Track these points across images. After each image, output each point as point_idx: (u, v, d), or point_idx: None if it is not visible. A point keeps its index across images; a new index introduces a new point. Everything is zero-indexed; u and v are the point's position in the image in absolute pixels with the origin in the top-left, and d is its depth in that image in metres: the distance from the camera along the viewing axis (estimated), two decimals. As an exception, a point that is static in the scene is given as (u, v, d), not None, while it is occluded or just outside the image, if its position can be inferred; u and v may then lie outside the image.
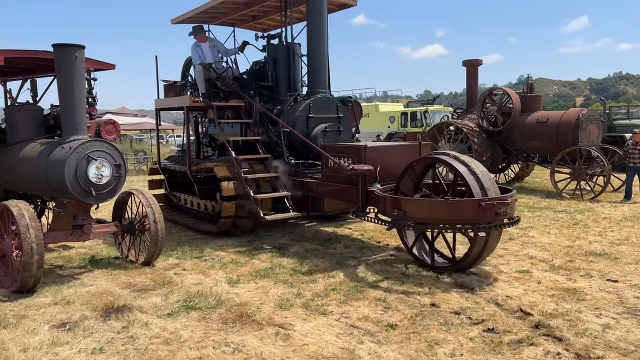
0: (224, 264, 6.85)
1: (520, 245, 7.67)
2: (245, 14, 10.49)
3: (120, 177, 6.48)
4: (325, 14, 8.63)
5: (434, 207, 5.93)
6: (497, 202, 5.59)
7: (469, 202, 5.70)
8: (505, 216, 5.68)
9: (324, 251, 7.46)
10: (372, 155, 6.93)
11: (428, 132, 15.72)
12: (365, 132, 28.54)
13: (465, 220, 5.74)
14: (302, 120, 8.43)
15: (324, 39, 8.62)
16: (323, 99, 8.72)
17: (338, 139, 8.62)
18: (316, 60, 8.69)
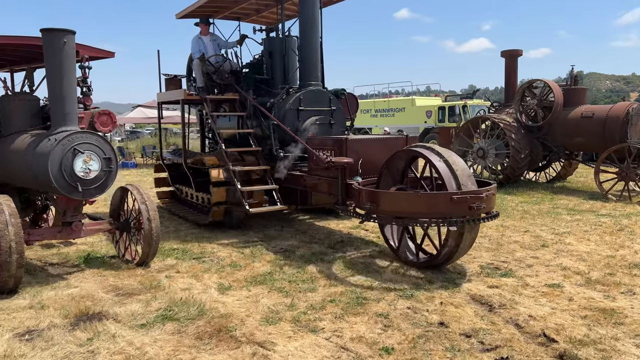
0: (221, 267, 6.35)
1: (553, 254, 6.84)
2: (247, 8, 10.27)
3: (111, 172, 6.05)
4: (317, 7, 8.42)
5: (405, 200, 5.79)
6: (470, 196, 5.36)
7: (440, 196, 5.54)
8: (479, 210, 5.42)
9: (332, 255, 6.85)
10: (353, 148, 6.84)
11: (462, 127, 14.80)
12: (402, 127, 27.79)
13: (437, 213, 5.54)
14: (292, 113, 8.29)
15: (316, 32, 8.46)
16: (314, 92, 8.51)
17: (329, 132, 8.34)
18: (308, 53, 8.51)
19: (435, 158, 5.75)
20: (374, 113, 29.59)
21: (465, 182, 5.57)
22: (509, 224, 8.79)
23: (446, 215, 5.46)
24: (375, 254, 6.87)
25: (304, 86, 8.60)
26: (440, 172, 5.62)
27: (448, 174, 5.60)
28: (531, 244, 7.38)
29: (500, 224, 8.70)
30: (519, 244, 7.36)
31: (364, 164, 6.78)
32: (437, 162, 5.71)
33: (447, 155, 5.80)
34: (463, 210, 5.37)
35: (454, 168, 5.64)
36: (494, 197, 5.71)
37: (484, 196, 5.47)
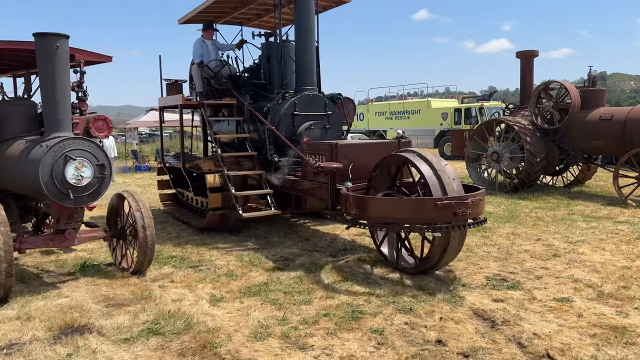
0: (217, 277, 6.17)
1: (565, 264, 6.52)
2: (248, 13, 10.26)
3: (104, 178, 5.92)
4: (312, 13, 8.39)
5: (390, 206, 5.69)
6: (455, 202, 5.26)
7: (424, 201, 5.47)
8: (464, 216, 5.32)
9: (333, 264, 6.63)
10: (344, 152, 6.83)
11: (476, 130, 14.45)
12: (417, 129, 27.46)
13: (422, 219, 5.44)
14: (288, 118, 8.29)
15: (311, 37, 8.44)
16: (310, 97, 8.48)
17: (324, 137, 8.23)
18: (304, 58, 8.48)
19: (421, 163, 5.67)
20: (389, 115, 29.29)
21: (451, 188, 5.48)
22: (520, 231, 8.47)
23: (431, 221, 5.36)
24: (378, 263, 6.62)
25: (299, 91, 8.54)
26: (425, 177, 5.55)
27: (434, 180, 5.52)
28: (542, 253, 7.06)
29: (511, 232, 8.39)
30: (529, 254, 7.04)
31: (355, 169, 6.70)
32: (423, 167, 5.63)
33: (434, 160, 5.70)
34: (448, 216, 5.28)
35: (440, 174, 5.54)
36: (481, 202, 5.61)
37: (470, 202, 5.35)
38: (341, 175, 6.65)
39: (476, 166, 14.42)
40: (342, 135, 8.88)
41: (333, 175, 6.65)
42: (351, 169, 6.66)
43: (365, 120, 30.64)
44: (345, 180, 6.59)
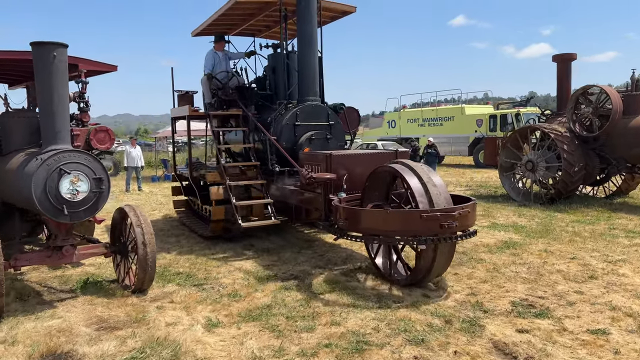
0: (219, 297, 5.79)
1: (602, 288, 5.87)
2: (257, 24, 10.28)
3: (102, 193, 5.64)
4: (314, 25, 8.35)
5: (377, 217, 5.67)
6: (441, 214, 5.22)
7: (410, 213, 5.44)
8: (451, 229, 5.26)
9: (345, 284, 6.17)
10: (337, 163, 6.80)
11: (509, 137, 13.71)
12: (450, 137, 26.66)
13: (408, 231, 5.41)
14: (289, 128, 8.25)
15: (313, 49, 8.41)
16: (312, 107, 8.42)
17: (326, 147, 8.18)
18: (306, 69, 8.42)
19: (409, 175, 5.65)
20: (422, 122, 28.57)
21: (439, 200, 5.44)
22: (554, 248, 7.80)
23: (417, 233, 5.33)
24: (395, 285, 6.13)
25: (301, 101, 8.47)
26: (412, 189, 5.51)
27: (421, 192, 5.49)
28: (577, 274, 6.41)
29: (544, 249, 7.74)
30: (562, 274, 6.41)
31: (351, 179, 6.68)
32: (411, 179, 5.61)
33: (422, 172, 5.69)
34: (434, 228, 5.23)
35: (428, 186, 5.51)
36: (469, 214, 5.49)
37: (456, 214, 5.28)
38: (337, 185, 6.64)
39: (510, 176, 13.69)
40: (344, 145, 8.76)
41: (326, 185, 6.67)
42: (346, 180, 6.64)
43: (397, 127, 30.00)
44: (340, 191, 6.55)
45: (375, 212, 5.83)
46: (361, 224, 5.78)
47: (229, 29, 10.59)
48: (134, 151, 17.32)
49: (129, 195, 16.38)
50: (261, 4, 9.16)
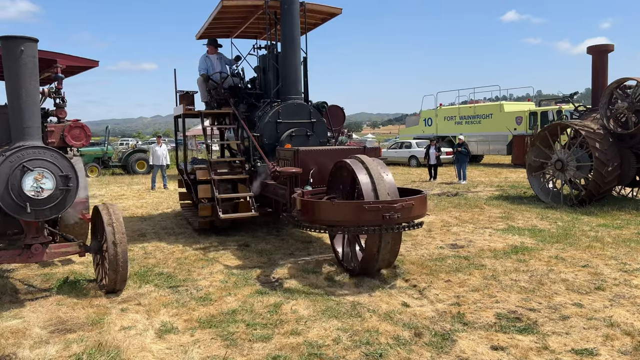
0: (190, 300, 5.54)
1: (606, 301, 5.26)
2: (255, 27, 10.55)
3: (69, 191, 5.50)
4: (296, 28, 8.65)
5: (326, 208, 5.95)
6: (382, 206, 5.48)
7: (354, 204, 5.73)
8: (393, 220, 5.49)
9: (324, 289, 5.80)
10: (305, 158, 7.19)
11: (538, 135, 12.90)
12: (488, 135, 25.66)
13: (354, 222, 5.64)
14: (271, 126, 8.60)
15: (296, 50, 8.70)
16: (294, 105, 8.74)
17: (306, 143, 8.52)
18: (288, 69, 8.73)
19: (359, 169, 5.90)
20: (459, 120, 27.66)
21: (384, 193, 5.69)
22: (568, 254, 7.16)
23: (362, 223, 5.55)
24: (377, 289, 5.72)
25: (285, 100, 8.77)
26: (360, 182, 5.77)
27: (368, 185, 5.75)
28: (583, 284, 5.80)
29: (556, 255, 7.11)
30: (566, 284, 5.81)
31: (318, 174, 7.08)
32: (360, 172, 5.85)
33: (373, 167, 5.90)
34: (377, 219, 5.47)
35: (375, 180, 5.76)
36: (414, 207, 5.69)
37: (398, 206, 5.51)
38: (306, 180, 7.00)
39: (539, 176, 12.89)
40: (327, 142, 9.04)
41: (291, 179, 7.09)
42: (314, 174, 7.01)
43: (433, 125, 29.17)
44: (306, 185, 6.89)
45: (323, 203, 6.10)
46: (313, 215, 6.00)
47: (230, 31, 11.01)
48: (160, 150, 17.45)
49: (153, 192, 16.50)
50: (250, 8, 9.47)
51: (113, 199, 14.88)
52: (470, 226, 9.42)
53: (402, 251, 7.52)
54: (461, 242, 8.13)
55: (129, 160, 23.93)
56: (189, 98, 10.32)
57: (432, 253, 7.43)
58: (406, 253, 7.43)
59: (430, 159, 18.80)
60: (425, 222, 9.73)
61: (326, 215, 5.90)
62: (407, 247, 7.81)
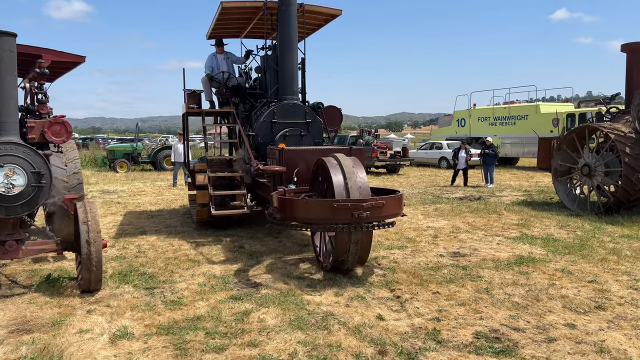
0: (160, 304, 5.36)
1: (605, 322, 4.77)
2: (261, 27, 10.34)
3: (42, 188, 5.42)
4: (293, 29, 8.59)
5: (298, 206, 6.03)
6: (351, 204, 5.55)
7: (324, 202, 5.85)
8: (361, 219, 5.54)
9: (301, 297, 5.50)
10: (289, 157, 7.31)
11: (565, 137, 12.19)
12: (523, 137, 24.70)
13: (324, 219, 5.71)
14: (267, 125, 8.61)
15: (292, 50, 8.64)
16: (289, 105, 8.71)
17: (300, 143, 8.50)
18: (285, 69, 8.70)
19: (334, 168, 5.99)
20: (493, 121, 26.77)
21: (355, 192, 5.76)
22: (577, 267, 6.63)
23: (332, 221, 5.63)
24: (356, 303, 5.39)
25: (281, 100, 8.74)
26: (332, 181, 5.86)
27: (340, 184, 5.83)
28: (583, 302, 5.31)
29: (563, 267, 6.60)
30: (564, 301, 5.34)
31: (302, 173, 7.20)
32: (334, 171, 5.94)
33: (347, 167, 5.97)
34: (346, 217, 5.53)
35: (348, 179, 5.83)
36: (385, 207, 5.74)
37: (367, 205, 5.57)
38: (289, 178, 7.17)
39: (565, 181, 12.20)
40: (322, 142, 9.00)
41: (275, 177, 7.30)
42: (298, 173, 7.14)
43: (467, 126, 28.35)
44: (290, 183, 7.01)
45: (297, 201, 6.15)
46: (288, 213, 6.07)
47: (239, 31, 11.11)
48: (181, 147, 17.49)
49: (173, 189, 16.57)
50: (250, 9, 9.55)
51: (131, 195, 15.02)
52: (480, 233, 8.93)
53: (398, 258, 7.18)
54: (465, 250, 7.68)
55: (157, 157, 24.23)
56: (196, 97, 10.44)
57: (429, 261, 7.03)
58: (402, 260, 7.06)
59: (460, 162, 17.51)
60: (434, 227, 9.45)
61: (300, 213, 5.97)
62: (406, 254, 7.43)
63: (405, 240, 8.41)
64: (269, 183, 7.61)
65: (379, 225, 5.80)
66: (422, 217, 10.75)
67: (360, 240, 5.99)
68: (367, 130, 25.41)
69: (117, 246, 8.17)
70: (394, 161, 22.24)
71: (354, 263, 6.25)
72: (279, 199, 6.23)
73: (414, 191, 15.67)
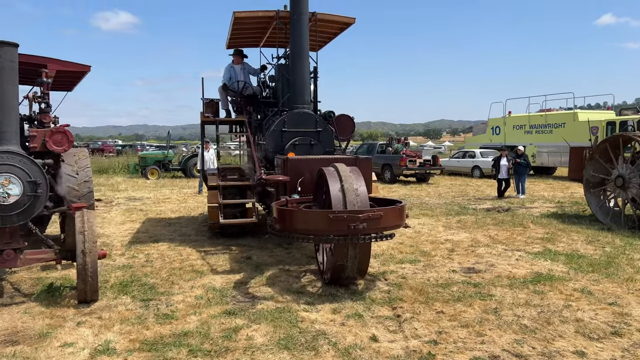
0: (151, 317, 5.24)
1: (620, 351, 4.37)
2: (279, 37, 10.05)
3: (38, 197, 5.41)
4: (305, 38, 8.51)
5: (296, 217, 5.93)
6: (347, 215, 5.41)
7: (320, 213, 5.78)
8: (358, 230, 5.38)
9: (296, 314, 5.29)
10: (293, 166, 7.20)
11: (598, 147, 11.58)
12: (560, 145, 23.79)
13: (321, 230, 5.59)
14: (277, 134, 8.50)
15: (304, 58, 8.58)
16: (300, 114, 8.59)
17: (309, 152, 8.40)
18: (296, 78, 8.62)
19: (332, 178, 5.87)
20: (529, 129, 25.92)
21: (352, 203, 5.61)
22: (598, 287, 6.19)
23: (329, 232, 5.49)
24: (352, 322, 5.14)
25: (292, 109, 8.65)
26: (330, 191, 5.74)
27: (337, 194, 5.69)
28: (598, 326, 4.90)
29: (583, 287, 6.18)
30: (577, 325, 4.94)
31: (306, 182, 7.07)
32: (332, 181, 5.82)
33: (346, 177, 5.84)
34: (342, 228, 5.41)
35: (347, 190, 5.69)
36: (383, 219, 5.55)
37: (363, 216, 5.40)
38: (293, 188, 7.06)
39: (598, 193, 11.57)
40: (333, 151, 8.79)
41: (278, 187, 7.31)
42: (302, 183, 7.01)
43: (501, 134, 27.55)
44: (294, 193, 6.88)
45: (295, 211, 6.03)
46: (286, 223, 5.92)
47: (257, 40, 11.09)
48: (207, 154, 17.59)
49: (198, 197, 16.64)
50: (264, 18, 9.51)
51: (156, 202, 15.14)
52: (500, 247, 8.50)
53: (408, 273, 6.88)
54: (480, 266, 7.31)
55: (187, 164, 24.49)
56: (213, 106, 10.45)
57: (440, 277, 6.70)
58: (411, 275, 6.76)
59: (502, 171, 16.13)
60: (452, 240, 9.07)
61: (298, 224, 5.85)
62: (417, 269, 7.11)
63: (420, 253, 8.09)
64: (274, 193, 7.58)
65: (377, 237, 5.64)
66: (442, 229, 10.37)
67: (359, 252, 5.84)
68: (396, 138, 24.92)
69: (127, 255, 8.15)
70: (423, 170, 21.73)
71: (353, 275, 6.10)
72: (277, 210, 6.07)
73: (440, 201, 15.23)
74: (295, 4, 8.44)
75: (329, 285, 6.19)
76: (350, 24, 9.87)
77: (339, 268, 5.93)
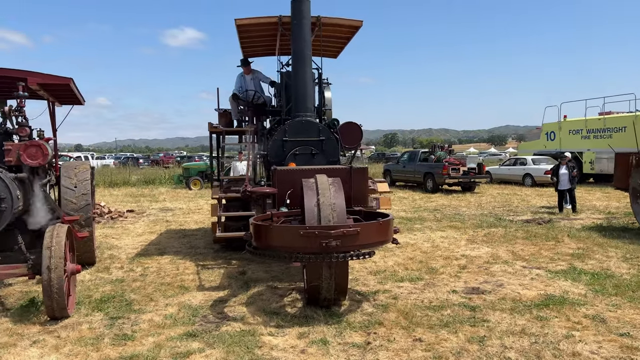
0: (108, 337, 5.00)
1: (611, 396, 3.67)
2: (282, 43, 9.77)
3: (2, 212, 5.32)
4: (307, 41, 8.20)
5: (267, 233, 5.47)
6: (319, 232, 5.01)
7: (289, 229, 5.43)
8: (330, 248, 4.92)
9: (260, 337, 4.89)
10: (282, 178, 6.75)
11: (644, 153, 10.47)
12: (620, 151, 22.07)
13: (293, 247, 5.18)
14: (278, 143, 8.12)
15: (306, 64, 8.24)
16: (302, 123, 8.16)
17: (311, 162, 7.94)
18: (298, 86, 8.28)
19: (309, 191, 5.52)
20: (586, 134, 24.29)
21: (327, 219, 5.21)
22: (615, 314, 5.42)
23: (302, 249, 5.12)
24: (314, 349, 4.68)
25: (295, 117, 8.27)
26: (304, 205, 5.41)
27: (312, 208, 5.33)
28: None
29: (598, 313, 5.43)
30: (572, 361, 4.25)
31: (296, 194, 6.36)
32: (308, 194, 5.48)
33: (324, 191, 5.45)
34: (315, 245, 5.00)
35: (322, 205, 5.31)
36: (360, 234, 5.05)
37: (336, 233, 4.96)
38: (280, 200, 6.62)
39: (646, 203, 10.46)
40: (337, 161, 8.27)
41: (264, 200, 7.22)
42: (292, 195, 6.46)
43: (556, 140, 25.97)
44: (282, 206, 6.50)
45: (264, 227, 5.56)
46: (262, 240, 5.50)
47: (268, 48, 10.71)
48: (240, 165, 17.56)
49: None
50: (267, 25, 9.25)
51: (185, 213, 15.23)
52: (518, 265, 7.74)
53: (402, 293, 6.35)
54: (487, 286, 6.63)
55: (229, 175, 24.67)
56: (227, 116, 10.28)
57: (435, 298, 6.09)
58: (405, 296, 6.20)
59: (562, 182, 14.24)
60: (469, 256, 8.37)
61: (272, 241, 5.42)
62: (415, 288, 6.54)
63: (426, 270, 7.48)
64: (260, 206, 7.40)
65: (352, 255, 5.14)
66: (464, 243, 9.65)
67: (334, 271, 5.41)
68: (439, 146, 23.96)
69: (126, 268, 8.05)
70: (467, 178, 20.72)
71: (330, 296, 5.64)
72: (252, 225, 5.67)
73: (476, 212, 14.37)
74: (296, 9, 8.12)
75: (308, 306, 5.76)
76: (358, 27, 9.45)
77: (314, 289, 5.56)
